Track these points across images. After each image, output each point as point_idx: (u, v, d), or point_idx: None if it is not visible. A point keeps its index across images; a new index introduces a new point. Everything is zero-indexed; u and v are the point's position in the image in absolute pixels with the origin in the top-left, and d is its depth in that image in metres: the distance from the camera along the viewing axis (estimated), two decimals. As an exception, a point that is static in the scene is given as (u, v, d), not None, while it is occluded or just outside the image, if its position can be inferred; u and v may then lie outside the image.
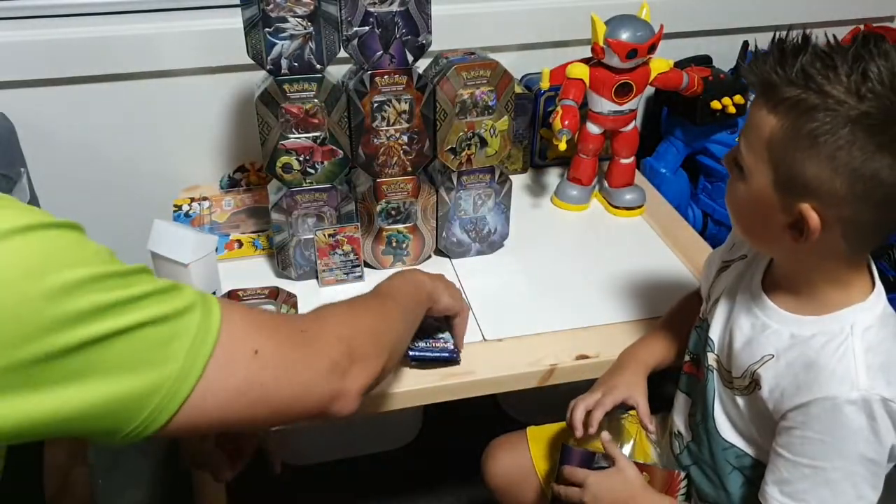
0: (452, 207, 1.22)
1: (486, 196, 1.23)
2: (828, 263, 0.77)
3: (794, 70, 0.69)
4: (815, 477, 0.76)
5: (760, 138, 0.72)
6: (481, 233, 1.26)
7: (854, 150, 0.67)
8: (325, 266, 1.05)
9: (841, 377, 0.74)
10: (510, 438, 1.16)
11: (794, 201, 0.71)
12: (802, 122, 0.68)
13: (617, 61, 1.27)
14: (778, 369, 0.80)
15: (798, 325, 0.80)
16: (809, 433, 0.76)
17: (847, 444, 0.74)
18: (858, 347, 0.75)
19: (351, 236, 1.12)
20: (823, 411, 0.74)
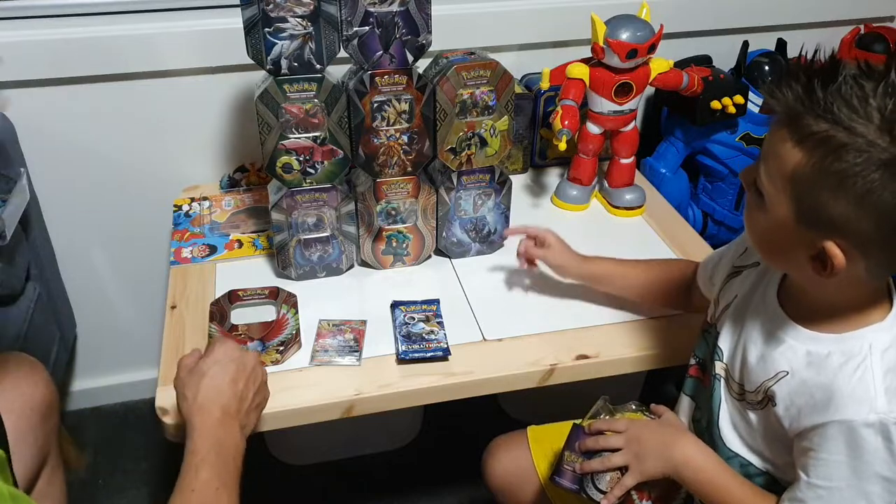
0: (452, 207, 1.22)
1: (486, 196, 1.23)
2: (850, 290, 0.75)
3: (822, 102, 0.65)
4: (829, 498, 0.75)
5: (783, 171, 0.69)
6: (481, 233, 1.26)
7: (885, 194, 0.64)
8: (321, 347, 1.06)
9: (859, 399, 0.73)
10: (511, 438, 1.16)
11: (818, 237, 0.69)
12: (830, 161, 0.65)
13: (617, 61, 1.27)
14: (793, 387, 0.78)
15: (815, 343, 0.78)
16: (825, 455, 0.75)
17: (864, 465, 0.73)
18: (878, 369, 0.73)
19: (356, 328, 1.10)
20: (840, 433, 0.73)
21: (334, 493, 1.53)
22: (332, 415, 1.00)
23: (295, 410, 0.98)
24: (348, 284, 1.22)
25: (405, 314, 1.11)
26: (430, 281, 1.22)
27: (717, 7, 1.58)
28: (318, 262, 1.21)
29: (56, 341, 1.40)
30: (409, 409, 1.08)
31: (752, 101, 1.47)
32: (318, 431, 1.14)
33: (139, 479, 1.55)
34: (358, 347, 1.06)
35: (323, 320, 1.11)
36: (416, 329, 1.08)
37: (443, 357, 1.04)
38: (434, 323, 1.10)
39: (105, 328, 1.62)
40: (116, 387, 1.69)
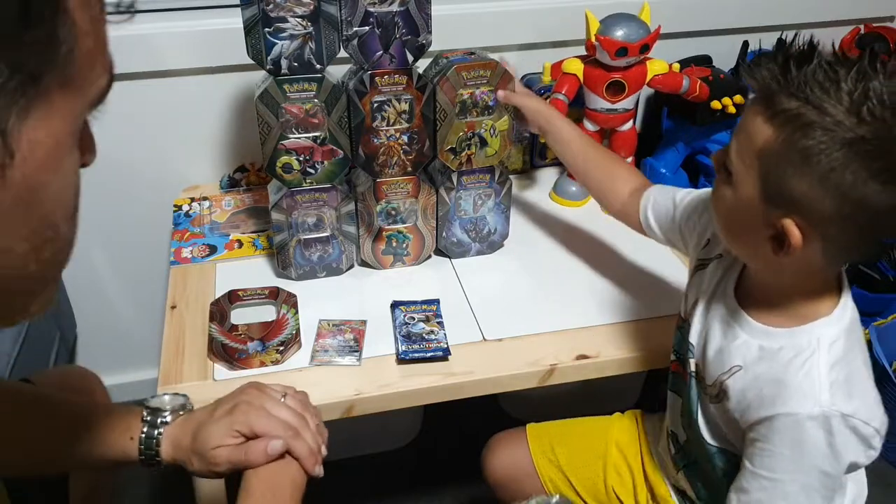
0: (452, 207, 1.22)
1: (486, 196, 1.23)
2: (803, 277, 0.77)
3: (795, 81, 0.67)
4: (772, 489, 0.77)
5: (753, 146, 0.71)
6: (481, 233, 1.26)
7: (847, 174, 0.65)
8: (321, 347, 1.06)
9: (805, 393, 0.74)
10: (510, 434, 1.16)
11: (779, 215, 0.71)
12: (797, 138, 0.67)
13: (607, 58, 1.27)
14: (746, 381, 0.80)
15: (767, 338, 0.79)
16: (770, 446, 0.76)
17: (806, 458, 0.75)
18: (823, 363, 0.75)
19: (356, 328, 1.10)
20: (785, 426, 0.75)
21: (334, 493, 1.53)
22: (332, 415, 1.00)
23: (295, 410, 0.98)
24: (348, 284, 1.22)
25: (405, 314, 1.11)
26: (430, 281, 1.22)
27: (717, 7, 1.58)
28: (318, 262, 1.20)
29: (56, 341, 1.40)
30: (409, 409, 1.08)
31: (748, 104, 1.47)
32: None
33: (139, 479, 1.55)
34: (358, 347, 1.06)
35: (323, 320, 1.11)
36: (416, 329, 1.08)
37: (443, 357, 1.04)
38: (434, 323, 1.10)
39: (105, 328, 1.62)
40: (116, 387, 1.69)
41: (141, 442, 0.80)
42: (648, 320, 1.12)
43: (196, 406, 0.87)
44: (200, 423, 0.80)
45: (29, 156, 0.40)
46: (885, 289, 1.67)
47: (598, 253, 1.30)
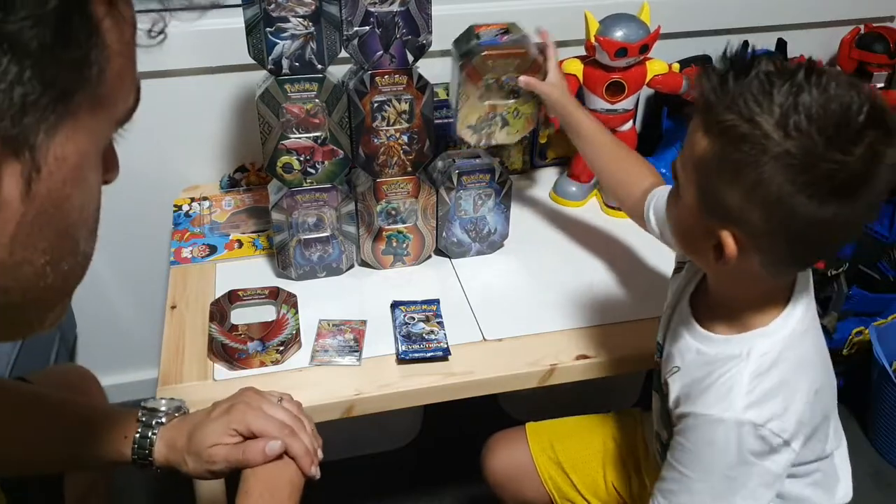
0: (452, 207, 1.22)
1: (486, 196, 1.23)
2: (747, 285, 0.77)
3: (732, 93, 0.68)
4: (681, 482, 0.79)
5: (692, 157, 0.72)
6: (481, 233, 1.26)
7: (773, 187, 0.66)
8: (321, 347, 1.06)
9: (721, 397, 0.76)
10: (510, 434, 1.16)
11: (716, 225, 0.72)
12: (729, 151, 0.68)
13: (607, 59, 1.27)
14: (682, 381, 0.82)
15: (706, 343, 0.81)
16: (684, 441, 0.79)
17: (712, 460, 0.77)
18: (747, 372, 0.76)
19: (356, 328, 1.10)
20: (698, 425, 0.77)
21: (334, 493, 1.53)
22: (332, 415, 1.00)
23: (295, 410, 0.98)
24: (348, 284, 1.22)
25: (405, 314, 1.11)
26: (430, 281, 1.22)
27: (717, 7, 1.58)
28: (318, 262, 1.20)
29: (56, 341, 1.40)
30: (409, 409, 1.08)
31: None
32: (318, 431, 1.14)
33: (138, 479, 1.55)
34: (358, 347, 1.06)
35: (323, 320, 1.11)
36: (416, 329, 1.08)
37: (443, 357, 1.04)
38: (434, 323, 1.10)
39: (105, 328, 1.62)
40: (116, 387, 1.69)
41: (135, 441, 0.81)
42: (648, 320, 1.12)
43: (194, 408, 0.87)
44: (196, 423, 0.81)
45: (55, 171, 0.41)
46: (885, 289, 1.67)
47: (598, 253, 1.30)
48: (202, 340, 1.08)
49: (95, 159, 0.46)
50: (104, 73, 0.43)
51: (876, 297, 1.65)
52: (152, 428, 0.82)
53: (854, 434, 1.76)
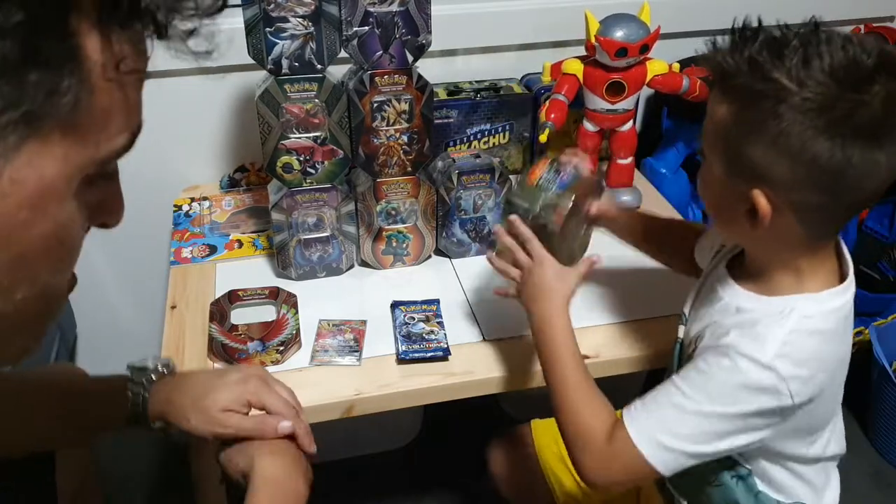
0: (452, 207, 1.22)
1: (487, 196, 1.23)
2: (786, 250, 0.77)
3: (744, 58, 0.70)
4: (672, 397, 0.79)
5: (714, 126, 0.74)
6: (481, 233, 1.26)
7: (794, 134, 0.68)
8: (321, 347, 1.06)
9: (756, 340, 0.75)
10: (515, 432, 1.17)
11: (746, 188, 0.73)
12: (748, 109, 0.70)
13: (607, 59, 1.27)
14: (714, 330, 0.81)
15: (746, 300, 0.81)
16: (699, 363, 0.78)
17: (719, 387, 0.76)
18: (786, 327, 0.76)
19: (356, 328, 1.10)
20: (723, 355, 0.76)
21: (334, 493, 1.53)
22: (332, 415, 1.00)
23: (295, 410, 0.98)
24: (348, 284, 1.22)
25: (405, 314, 1.11)
26: (430, 281, 1.22)
27: (717, 7, 1.57)
28: (318, 262, 1.21)
29: (56, 341, 1.40)
30: (409, 409, 1.08)
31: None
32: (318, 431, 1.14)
33: (139, 480, 1.55)
34: (358, 347, 1.06)
35: (323, 320, 1.11)
36: (416, 329, 1.08)
37: (443, 357, 1.04)
38: (434, 323, 1.10)
39: (105, 328, 1.62)
40: (116, 387, 1.69)
41: (128, 399, 0.82)
42: (648, 320, 1.13)
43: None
44: (206, 385, 0.82)
45: (10, 192, 0.40)
46: (885, 289, 1.67)
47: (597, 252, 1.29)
48: (202, 340, 1.08)
49: (64, 189, 0.43)
50: (81, 103, 0.41)
51: (876, 297, 1.66)
52: (143, 385, 0.83)
53: (854, 434, 1.76)
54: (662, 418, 0.79)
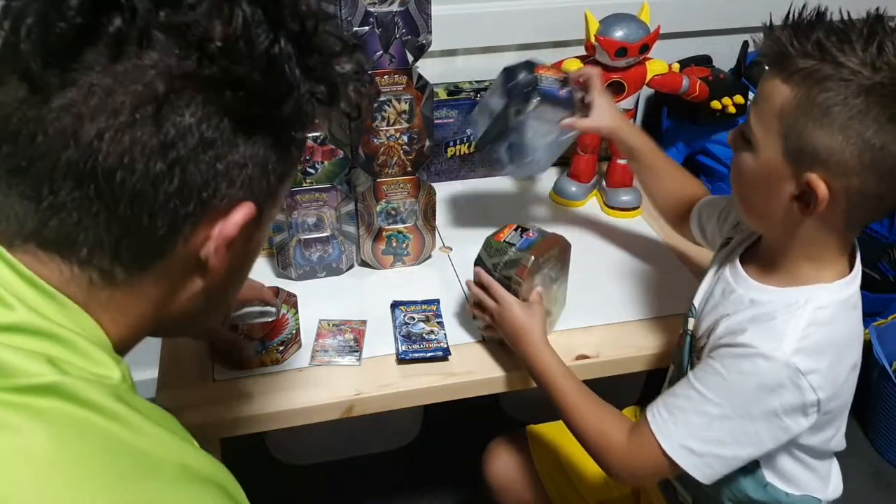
0: (515, 126, 1.12)
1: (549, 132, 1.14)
2: (818, 239, 0.78)
3: (809, 42, 0.70)
4: (695, 402, 0.79)
5: (772, 108, 0.73)
6: (520, 159, 1.17)
7: (866, 120, 0.68)
8: (321, 347, 1.06)
9: (772, 335, 0.76)
10: (510, 437, 1.16)
11: (804, 171, 0.72)
12: (816, 92, 0.69)
13: (607, 59, 1.27)
14: (728, 324, 0.81)
15: (760, 292, 0.81)
16: (717, 365, 0.78)
17: (741, 391, 0.77)
18: (803, 319, 0.76)
19: (356, 328, 1.10)
20: (741, 354, 0.77)
21: (334, 493, 1.53)
22: (332, 415, 1.00)
23: (295, 410, 0.98)
24: (348, 284, 1.22)
25: (405, 314, 1.11)
26: (430, 281, 1.22)
27: (717, 7, 1.58)
28: (318, 262, 1.21)
29: (56, 341, 1.40)
30: (409, 409, 1.08)
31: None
32: (318, 431, 1.14)
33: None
34: (358, 347, 1.06)
35: (323, 320, 1.11)
36: (416, 329, 1.08)
37: (443, 357, 1.04)
38: (434, 323, 1.10)
39: (105, 328, 1.62)
40: (116, 387, 1.69)
41: None
42: (648, 320, 1.13)
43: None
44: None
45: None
46: (885, 289, 1.67)
47: (597, 253, 1.30)
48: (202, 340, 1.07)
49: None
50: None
51: (876, 297, 1.66)
52: None
53: (854, 434, 1.76)
54: (688, 423, 0.79)
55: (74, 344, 0.46)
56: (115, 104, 0.44)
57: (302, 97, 0.50)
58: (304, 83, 0.49)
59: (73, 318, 0.48)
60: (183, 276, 0.53)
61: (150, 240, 0.49)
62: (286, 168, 0.54)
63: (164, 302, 0.53)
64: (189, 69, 0.45)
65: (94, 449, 0.42)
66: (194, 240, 0.50)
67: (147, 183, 0.46)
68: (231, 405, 0.97)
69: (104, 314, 0.50)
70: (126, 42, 0.44)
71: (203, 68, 0.46)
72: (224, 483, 0.48)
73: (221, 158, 0.48)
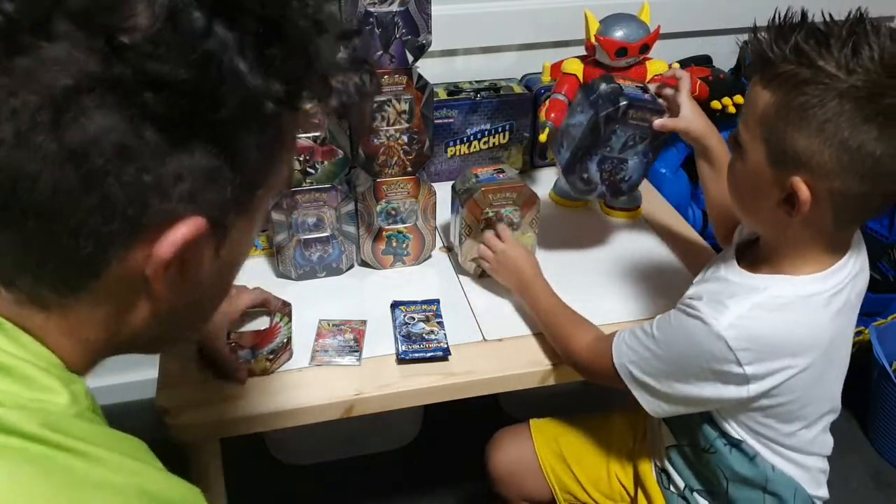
0: (601, 139, 1.09)
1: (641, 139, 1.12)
2: (807, 238, 0.79)
3: (788, 46, 0.71)
4: (647, 340, 0.86)
5: (755, 114, 0.75)
6: (615, 177, 1.14)
7: (842, 122, 0.69)
8: (321, 347, 1.06)
9: (717, 308, 0.79)
10: (514, 430, 1.17)
11: (787, 175, 0.73)
12: (794, 96, 0.70)
13: (607, 59, 1.27)
14: (696, 289, 0.86)
15: (735, 275, 0.84)
16: (670, 315, 0.86)
17: (679, 343, 0.83)
18: (751, 301, 0.79)
19: (356, 328, 1.10)
20: (686, 313, 0.82)
21: (334, 493, 1.53)
22: (332, 415, 1.00)
23: (295, 410, 0.98)
24: (348, 284, 1.22)
25: (405, 314, 1.11)
26: (430, 281, 1.22)
27: (717, 7, 1.58)
28: (318, 262, 1.21)
29: (56, 341, 1.40)
30: (409, 409, 1.08)
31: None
32: (318, 431, 1.14)
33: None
34: (358, 347, 1.06)
35: (323, 320, 1.11)
36: (416, 329, 1.08)
37: (443, 357, 1.04)
38: (434, 323, 1.10)
39: (105, 328, 1.62)
40: (116, 387, 1.69)
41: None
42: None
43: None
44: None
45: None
46: (885, 289, 1.67)
47: (597, 252, 1.30)
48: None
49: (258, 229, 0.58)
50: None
51: (876, 297, 1.66)
52: None
53: (854, 434, 1.76)
54: (635, 351, 0.88)
55: (10, 368, 0.42)
56: (13, 105, 0.38)
57: (251, 96, 0.42)
58: (252, 78, 0.41)
59: (11, 340, 0.43)
60: (128, 297, 0.46)
61: (74, 260, 0.42)
62: (252, 177, 0.46)
63: (113, 324, 0.48)
64: (96, 66, 0.38)
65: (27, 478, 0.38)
66: (132, 259, 0.44)
67: (57, 198, 0.40)
68: (231, 405, 0.97)
69: (48, 336, 0.45)
70: (22, 32, 0.37)
71: (112, 66, 0.38)
72: None
73: (148, 170, 0.41)
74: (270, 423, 0.99)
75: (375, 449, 1.61)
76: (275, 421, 0.98)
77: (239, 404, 0.97)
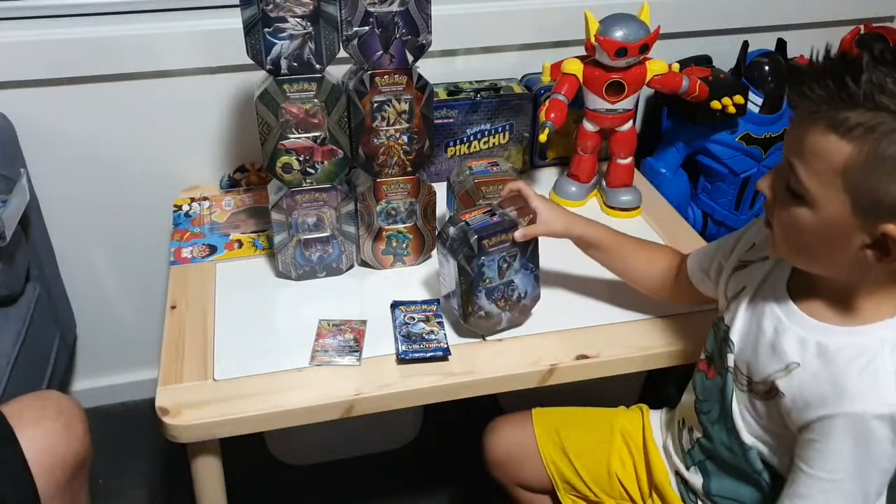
0: (475, 278, 1.04)
1: (511, 257, 1.08)
2: (889, 279, 0.76)
3: (859, 92, 0.67)
4: (833, 490, 0.77)
5: (831, 166, 0.70)
6: (510, 299, 1.09)
7: None
8: (321, 347, 1.06)
9: (870, 393, 0.74)
10: (514, 416, 1.16)
11: (878, 223, 0.71)
12: (884, 147, 0.67)
13: (607, 59, 1.27)
14: (802, 378, 0.79)
15: (825, 335, 0.79)
16: (832, 446, 0.76)
17: (869, 457, 0.75)
18: (890, 365, 0.75)
19: (356, 328, 1.10)
20: (848, 425, 0.75)
21: (334, 493, 1.53)
22: (332, 415, 1.00)
23: (295, 410, 0.98)
24: (348, 284, 1.22)
25: (405, 314, 1.11)
26: (430, 281, 1.22)
27: (717, 7, 1.58)
28: (318, 262, 1.21)
29: (56, 341, 1.40)
30: (409, 409, 1.08)
31: (752, 101, 1.47)
32: (318, 431, 1.14)
33: (138, 479, 1.55)
34: (358, 347, 1.06)
35: (323, 320, 1.11)
36: (416, 329, 1.08)
37: (443, 357, 1.04)
38: (434, 323, 1.10)
39: (105, 328, 1.62)
40: (116, 387, 1.69)
41: None
42: (648, 320, 1.12)
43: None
44: None
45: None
46: None
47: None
48: (202, 340, 1.08)
49: None
50: None
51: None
52: None
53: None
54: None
55: None
56: None
57: None
58: None
59: None
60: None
61: None
62: None
63: None
64: None
65: None
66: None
67: None
68: (231, 405, 0.97)
69: None
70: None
71: None
72: None
73: None
74: (270, 423, 0.99)
75: (375, 449, 1.61)
76: (275, 421, 0.98)
77: (239, 404, 0.97)
